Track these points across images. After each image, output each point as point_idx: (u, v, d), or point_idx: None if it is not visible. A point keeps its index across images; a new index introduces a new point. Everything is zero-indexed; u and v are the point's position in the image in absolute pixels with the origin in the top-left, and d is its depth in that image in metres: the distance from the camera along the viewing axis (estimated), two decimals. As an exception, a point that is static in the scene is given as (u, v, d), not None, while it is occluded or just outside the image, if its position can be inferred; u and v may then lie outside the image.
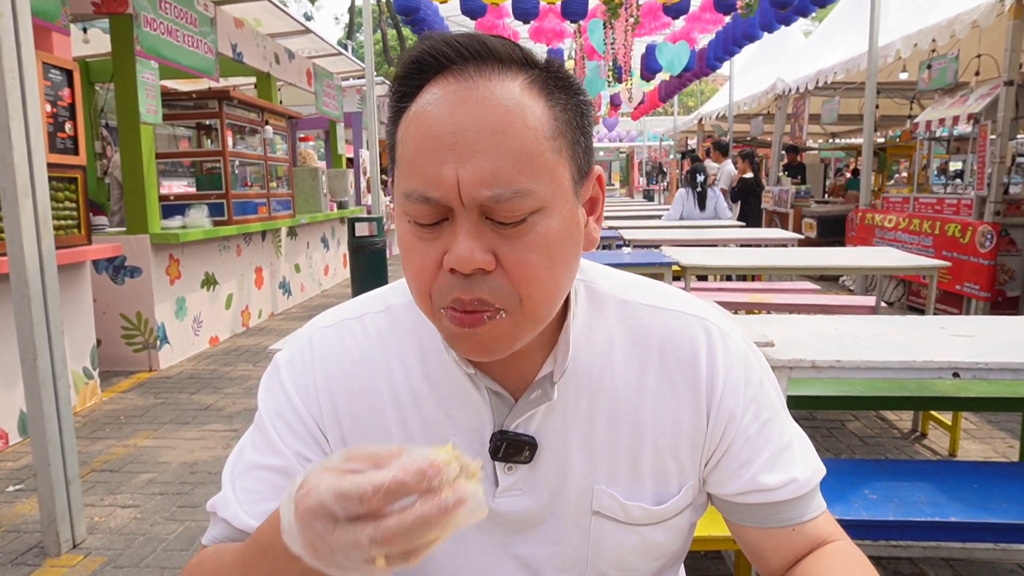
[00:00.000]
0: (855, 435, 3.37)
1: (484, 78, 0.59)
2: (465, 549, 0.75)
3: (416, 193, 0.59)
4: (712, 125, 13.94)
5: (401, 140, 0.62)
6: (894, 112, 9.74)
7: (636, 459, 0.73)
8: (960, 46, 5.85)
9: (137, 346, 4.86)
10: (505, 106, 0.58)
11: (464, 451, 0.72)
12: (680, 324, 0.75)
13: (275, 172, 6.98)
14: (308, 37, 7.62)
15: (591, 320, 0.74)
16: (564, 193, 0.62)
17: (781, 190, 9.53)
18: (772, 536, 0.74)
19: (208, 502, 0.73)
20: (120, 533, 2.63)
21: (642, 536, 0.75)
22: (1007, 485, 1.70)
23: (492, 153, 0.57)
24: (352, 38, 30.80)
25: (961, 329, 2.09)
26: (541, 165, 0.59)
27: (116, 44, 4.62)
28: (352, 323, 0.77)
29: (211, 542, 0.71)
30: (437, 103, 0.59)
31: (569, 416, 0.72)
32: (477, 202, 0.58)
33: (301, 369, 0.75)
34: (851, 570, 0.70)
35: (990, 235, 5.05)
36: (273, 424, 0.73)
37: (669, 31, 8.79)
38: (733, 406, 0.73)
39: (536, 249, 0.60)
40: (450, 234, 0.60)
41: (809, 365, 1.75)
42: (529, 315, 0.62)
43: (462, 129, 0.58)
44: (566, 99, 0.63)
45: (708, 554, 2.35)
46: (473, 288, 0.59)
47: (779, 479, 0.73)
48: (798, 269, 3.70)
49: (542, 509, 0.74)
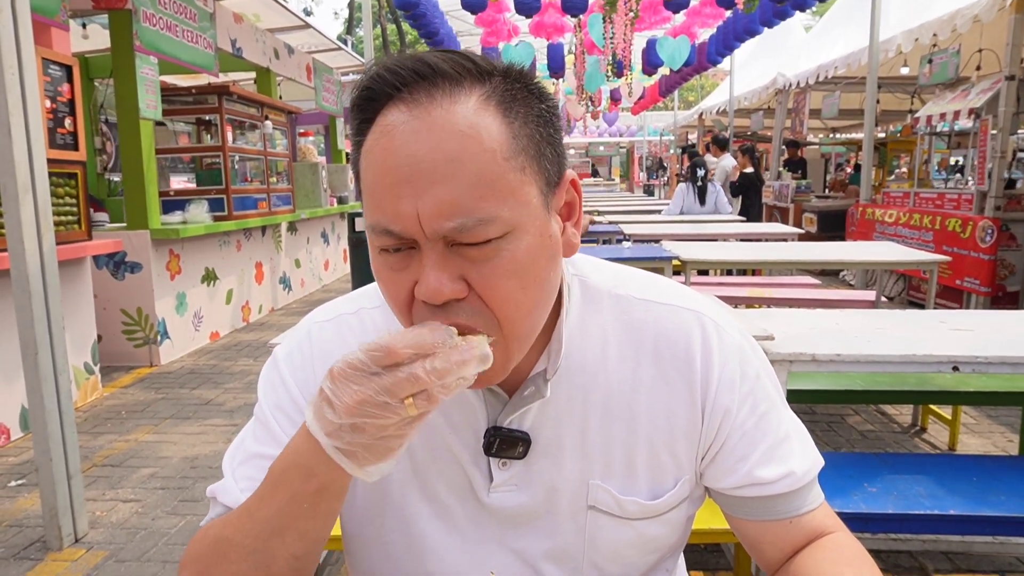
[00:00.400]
0: (855, 429, 3.37)
1: (435, 103, 0.58)
2: (463, 543, 0.75)
3: (379, 226, 0.59)
4: (712, 120, 13.91)
5: (362, 173, 0.61)
6: (895, 107, 9.72)
7: (631, 454, 0.73)
8: (961, 41, 5.84)
9: (138, 341, 4.87)
10: (459, 131, 0.57)
11: (459, 448, 0.73)
12: (675, 318, 0.74)
13: (275, 167, 6.98)
14: (308, 32, 7.60)
15: (585, 315, 0.74)
16: (532, 210, 0.60)
17: (781, 185, 9.52)
18: (769, 528, 0.75)
19: (208, 488, 0.74)
20: (122, 527, 2.64)
21: (637, 530, 0.75)
22: (1006, 478, 1.70)
23: (450, 183, 0.56)
24: (352, 33, 30.74)
25: (961, 323, 2.10)
26: (503, 188, 0.58)
27: (115, 39, 4.62)
28: (349, 318, 0.78)
29: (209, 523, 0.72)
30: (390, 134, 0.58)
31: (563, 412, 0.72)
32: (440, 234, 0.57)
33: (300, 362, 0.76)
34: (848, 561, 0.70)
35: (990, 230, 5.05)
36: (274, 416, 0.74)
37: (669, 25, 8.76)
38: (728, 401, 0.73)
39: (507, 273, 0.59)
40: (418, 264, 0.59)
41: (809, 359, 1.75)
42: (512, 336, 0.62)
43: (416, 160, 0.56)
44: (526, 110, 0.61)
45: (708, 547, 2.36)
46: (450, 315, 0.59)
47: (776, 473, 0.73)
48: (798, 263, 3.70)
49: (537, 504, 0.74)
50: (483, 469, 0.74)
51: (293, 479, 0.61)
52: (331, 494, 0.62)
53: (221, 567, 0.65)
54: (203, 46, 5.43)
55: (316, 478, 0.60)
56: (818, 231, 8.19)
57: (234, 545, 0.64)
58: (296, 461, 0.61)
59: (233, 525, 0.66)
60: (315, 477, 0.60)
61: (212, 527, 0.69)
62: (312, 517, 0.63)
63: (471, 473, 0.74)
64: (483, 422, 0.73)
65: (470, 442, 0.73)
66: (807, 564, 0.71)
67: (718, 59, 9.04)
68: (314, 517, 0.63)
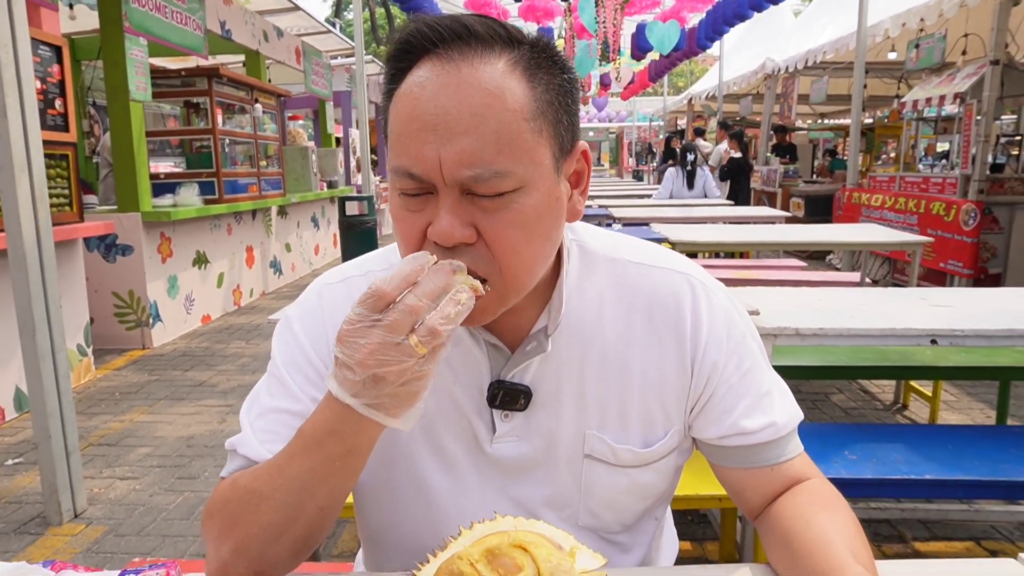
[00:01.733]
0: (838, 407, 3.46)
1: (467, 61, 0.62)
2: (466, 491, 0.80)
3: (401, 169, 0.64)
4: (702, 105, 13.94)
5: (391, 119, 0.66)
6: (883, 92, 9.79)
7: (625, 406, 0.78)
8: (948, 26, 5.90)
9: (130, 324, 4.88)
10: (486, 89, 0.61)
11: (464, 400, 0.78)
12: (666, 280, 0.79)
13: (265, 151, 6.96)
14: (297, 14, 7.56)
15: (582, 277, 0.78)
16: (544, 171, 0.65)
17: (770, 170, 9.59)
18: (752, 475, 0.80)
19: (227, 441, 0.78)
20: (120, 503, 2.68)
21: (631, 477, 0.80)
22: (981, 445, 1.77)
23: (472, 135, 0.61)
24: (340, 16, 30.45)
25: (940, 300, 2.16)
26: (520, 146, 0.63)
27: (104, 20, 4.59)
28: (358, 280, 0.82)
29: (230, 474, 0.76)
30: (422, 85, 0.63)
31: (562, 366, 0.77)
32: (457, 181, 0.62)
33: (311, 322, 0.80)
34: (824, 503, 0.75)
35: (974, 213, 5.14)
36: (289, 373, 0.78)
37: (659, 10, 8.78)
38: (716, 357, 0.78)
39: (514, 224, 0.64)
40: (434, 207, 0.64)
41: (793, 332, 1.81)
42: (510, 284, 0.67)
43: (444, 111, 0.61)
44: (549, 79, 0.66)
45: (694, 519, 2.43)
46: (457, 258, 0.63)
47: (759, 423, 0.78)
48: (785, 245, 3.76)
49: (537, 454, 0.79)
50: (487, 421, 0.78)
51: (325, 442, 0.65)
52: (361, 452, 0.66)
53: (252, 517, 0.69)
54: (192, 28, 5.40)
55: (347, 440, 0.64)
56: (805, 215, 8.27)
57: (266, 498, 0.68)
58: (326, 427, 0.64)
59: (263, 479, 0.69)
60: (346, 439, 0.64)
61: (240, 478, 0.72)
62: (342, 474, 0.67)
63: (475, 424, 0.78)
64: (487, 376, 0.77)
65: (475, 395, 0.78)
66: (786, 507, 0.76)
67: (707, 44, 9.06)
68: (344, 474, 0.67)
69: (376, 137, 13.23)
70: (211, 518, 0.73)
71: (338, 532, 2.42)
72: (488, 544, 0.62)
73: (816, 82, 8.78)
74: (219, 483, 0.76)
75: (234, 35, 6.59)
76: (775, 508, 0.78)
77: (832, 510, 0.74)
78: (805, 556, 0.68)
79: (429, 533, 0.80)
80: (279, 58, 7.81)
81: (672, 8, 8.75)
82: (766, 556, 0.78)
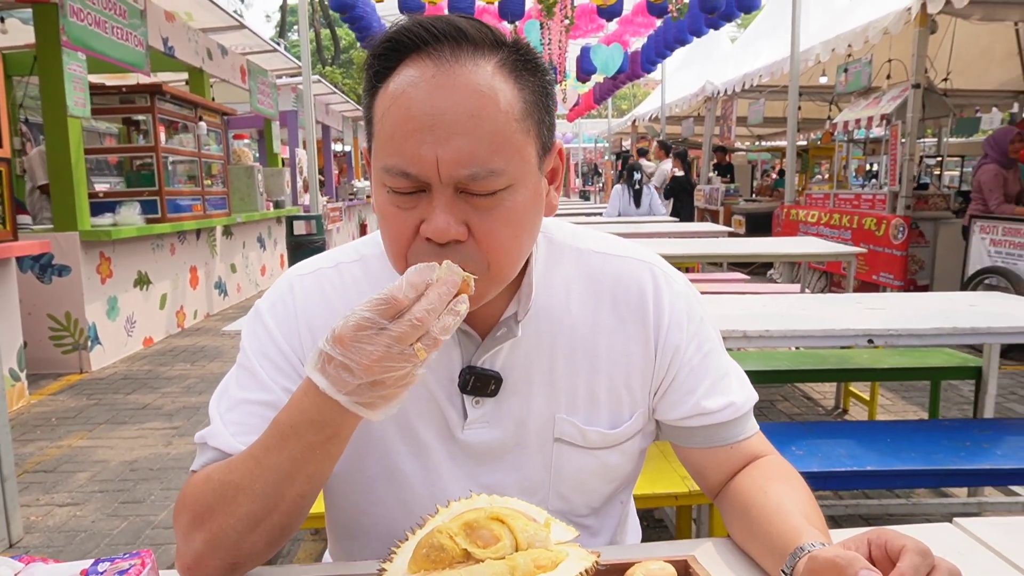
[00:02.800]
0: (784, 413, 3.58)
1: (459, 62, 0.64)
2: (439, 479, 0.82)
3: (396, 168, 0.65)
4: (645, 127, 14.32)
5: (379, 117, 0.67)
6: (815, 115, 10.26)
7: (593, 389, 0.82)
8: (873, 52, 6.25)
9: (66, 347, 4.69)
10: (480, 91, 0.64)
11: (436, 388, 0.80)
12: (629, 269, 0.84)
13: (209, 170, 6.83)
14: (242, 33, 7.48)
15: (549, 267, 0.82)
16: (530, 169, 0.69)
17: (712, 188, 9.91)
18: (713, 454, 0.84)
19: (196, 434, 0.77)
20: (60, 531, 2.56)
21: (599, 459, 0.83)
22: (916, 439, 1.87)
23: (469, 136, 0.63)
24: (284, 37, 30.17)
25: (875, 304, 2.29)
26: (512, 146, 0.66)
27: (41, 34, 4.46)
28: (329, 271, 0.83)
29: (202, 467, 0.75)
30: (416, 85, 0.64)
31: (532, 352, 0.80)
32: (454, 180, 0.64)
33: (283, 312, 0.80)
34: (778, 476, 0.80)
35: (902, 227, 5.42)
36: (259, 363, 0.78)
37: (603, 33, 9.02)
38: (678, 340, 0.82)
39: (505, 222, 0.67)
40: (427, 205, 0.66)
41: (741, 335, 1.89)
42: (495, 278, 0.70)
43: (440, 112, 0.63)
44: (533, 81, 0.69)
45: (650, 523, 2.48)
46: (447, 256, 0.65)
47: (719, 403, 0.82)
48: (729, 257, 3.90)
49: (507, 439, 0.81)
50: (458, 407, 0.80)
51: (304, 432, 0.65)
52: (341, 439, 0.67)
53: (228, 508, 0.69)
54: (134, 43, 5.29)
55: (327, 428, 0.65)
56: (746, 232, 8.56)
57: (243, 489, 0.68)
58: (305, 417, 0.65)
59: (239, 471, 0.69)
60: (327, 428, 0.64)
61: (214, 472, 0.72)
62: (322, 461, 0.68)
63: (447, 411, 0.80)
64: (458, 363, 0.79)
65: (446, 382, 0.79)
66: (744, 481, 0.81)
67: (650, 67, 9.34)
68: (323, 460, 0.68)
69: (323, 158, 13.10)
70: (183, 512, 0.72)
71: (292, 550, 2.38)
72: (466, 519, 0.64)
73: (753, 104, 9.14)
74: (190, 477, 0.76)
75: (177, 52, 6.48)
76: (734, 483, 0.82)
77: (787, 481, 0.79)
78: (764, 523, 0.72)
79: (402, 521, 0.81)
80: (224, 76, 7.71)
81: (615, 32, 9.00)
82: (726, 531, 0.83)
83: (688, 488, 1.64)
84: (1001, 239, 4.74)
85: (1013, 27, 6.81)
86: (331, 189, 14.06)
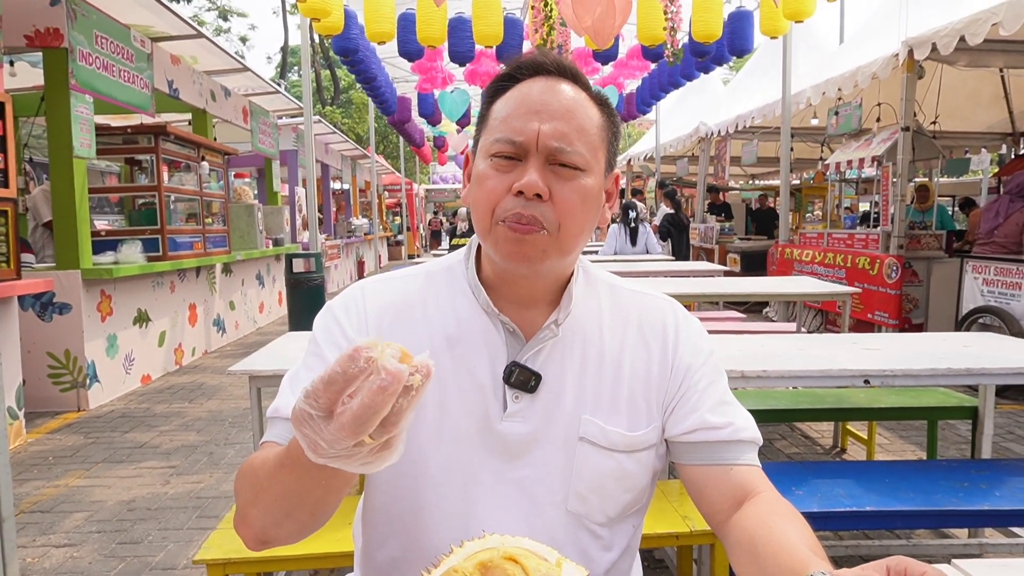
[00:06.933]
0: (782, 452, 3.58)
1: (564, 82, 0.87)
2: (473, 475, 0.88)
3: (505, 138, 0.83)
4: (640, 166, 14.52)
5: (497, 109, 0.86)
6: (807, 155, 10.44)
7: (616, 395, 0.91)
8: (863, 95, 6.40)
9: (65, 385, 4.68)
10: (576, 100, 0.86)
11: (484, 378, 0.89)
12: (654, 304, 0.98)
13: (210, 208, 6.90)
14: (245, 75, 7.63)
15: (586, 292, 0.95)
16: (599, 169, 0.87)
17: (707, 227, 10.02)
18: (712, 473, 0.90)
19: (268, 408, 0.87)
20: (57, 573, 2.54)
21: (617, 462, 0.90)
22: (915, 479, 1.89)
23: (564, 121, 0.83)
24: (284, 78, 30.68)
25: (871, 344, 2.32)
26: (591, 141, 0.85)
27: (50, 78, 4.56)
28: (398, 282, 0.96)
29: (273, 438, 0.85)
30: (531, 88, 0.86)
31: (567, 356, 0.91)
32: (548, 150, 0.82)
33: (355, 309, 0.91)
34: (780, 514, 0.83)
35: (895, 267, 5.49)
36: (329, 351, 0.88)
37: (599, 76, 9.21)
38: (691, 360, 0.94)
39: (577, 194, 0.84)
40: (521, 170, 0.83)
41: (739, 375, 1.92)
42: (563, 239, 0.84)
43: (546, 103, 0.84)
44: (610, 117, 0.90)
45: (652, 564, 2.47)
46: (531, 208, 0.81)
47: (721, 420, 0.91)
48: (725, 296, 3.94)
49: (537, 434, 0.89)
50: (500, 399, 0.89)
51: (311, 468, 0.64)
52: (348, 477, 0.69)
53: (254, 499, 0.78)
54: (140, 86, 5.41)
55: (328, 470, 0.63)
56: (742, 270, 8.63)
57: (264, 491, 0.76)
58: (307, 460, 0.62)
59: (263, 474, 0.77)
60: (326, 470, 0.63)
61: (257, 457, 0.80)
62: (331, 491, 0.73)
63: (489, 402, 0.88)
64: (503, 358, 0.89)
65: (492, 374, 0.89)
66: (748, 516, 0.84)
67: (645, 109, 9.53)
68: (331, 491, 0.73)
69: (322, 196, 13.22)
70: (239, 478, 0.83)
71: None
72: (480, 558, 0.66)
73: (747, 145, 9.31)
74: (260, 446, 0.85)
75: (181, 94, 6.60)
76: (738, 517, 0.85)
77: (790, 519, 0.82)
78: (771, 557, 0.75)
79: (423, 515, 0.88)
80: (226, 117, 7.83)
81: (610, 75, 9.20)
82: (727, 572, 0.85)
83: (689, 528, 1.65)
84: (993, 279, 4.81)
85: (998, 72, 7.00)
86: (329, 227, 14.15)
